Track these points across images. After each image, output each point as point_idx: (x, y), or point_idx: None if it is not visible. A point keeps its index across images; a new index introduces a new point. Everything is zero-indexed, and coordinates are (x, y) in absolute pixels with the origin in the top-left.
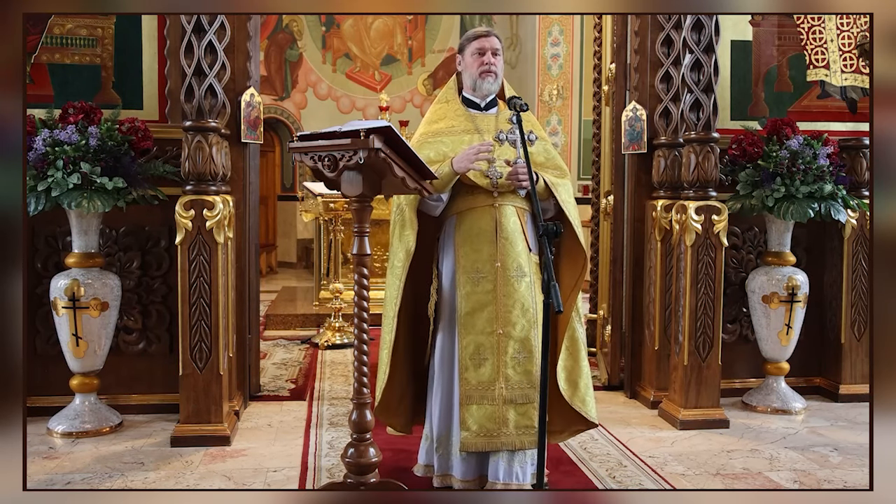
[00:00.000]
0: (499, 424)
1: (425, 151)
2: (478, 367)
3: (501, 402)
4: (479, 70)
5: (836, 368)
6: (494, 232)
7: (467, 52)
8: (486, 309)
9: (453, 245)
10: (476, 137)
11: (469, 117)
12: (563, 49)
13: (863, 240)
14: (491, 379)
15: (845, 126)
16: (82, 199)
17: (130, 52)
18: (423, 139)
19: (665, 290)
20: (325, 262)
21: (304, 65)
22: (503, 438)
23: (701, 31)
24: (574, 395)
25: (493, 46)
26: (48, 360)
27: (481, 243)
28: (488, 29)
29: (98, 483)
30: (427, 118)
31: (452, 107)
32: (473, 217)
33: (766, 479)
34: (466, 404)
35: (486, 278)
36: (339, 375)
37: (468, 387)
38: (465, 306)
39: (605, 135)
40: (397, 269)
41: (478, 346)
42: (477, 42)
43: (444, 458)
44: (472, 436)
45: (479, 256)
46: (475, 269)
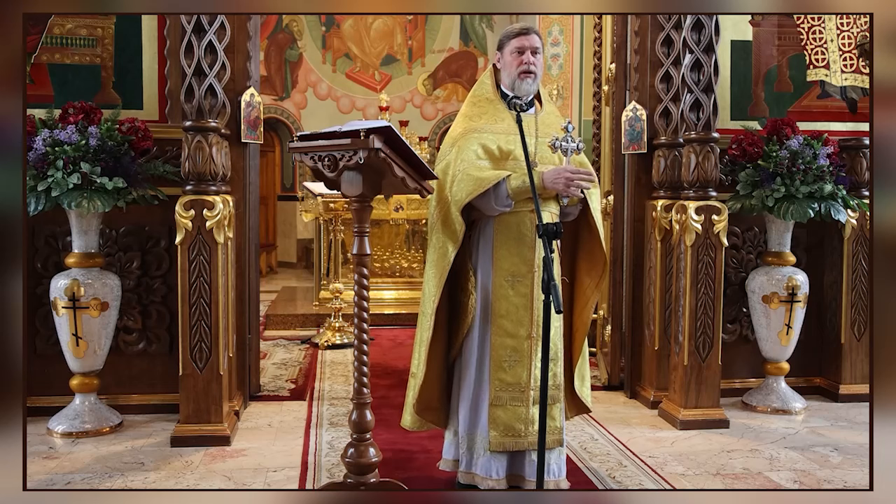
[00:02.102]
0: (526, 425)
1: (472, 147)
2: (510, 368)
3: (531, 404)
4: (518, 70)
5: (836, 368)
6: (534, 237)
7: (506, 49)
8: (522, 312)
9: (492, 247)
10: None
11: (513, 117)
12: (563, 49)
13: (863, 240)
14: (523, 381)
15: (845, 126)
16: (82, 199)
17: (130, 52)
18: (467, 134)
19: (665, 290)
20: (325, 262)
21: (304, 65)
22: (531, 438)
23: (701, 31)
24: (582, 387)
25: (533, 45)
26: (48, 360)
27: (520, 247)
28: (528, 26)
29: (98, 483)
30: (466, 112)
31: (494, 105)
32: (514, 220)
33: (766, 479)
34: (496, 405)
35: (523, 282)
36: (339, 375)
37: (500, 388)
38: (500, 308)
39: (605, 135)
40: (439, 266)
41: (511, 349)
42: (517, 40)
43: (468, 457)
44: (500, 436)
45: (517, 260)
46: (512, 272)
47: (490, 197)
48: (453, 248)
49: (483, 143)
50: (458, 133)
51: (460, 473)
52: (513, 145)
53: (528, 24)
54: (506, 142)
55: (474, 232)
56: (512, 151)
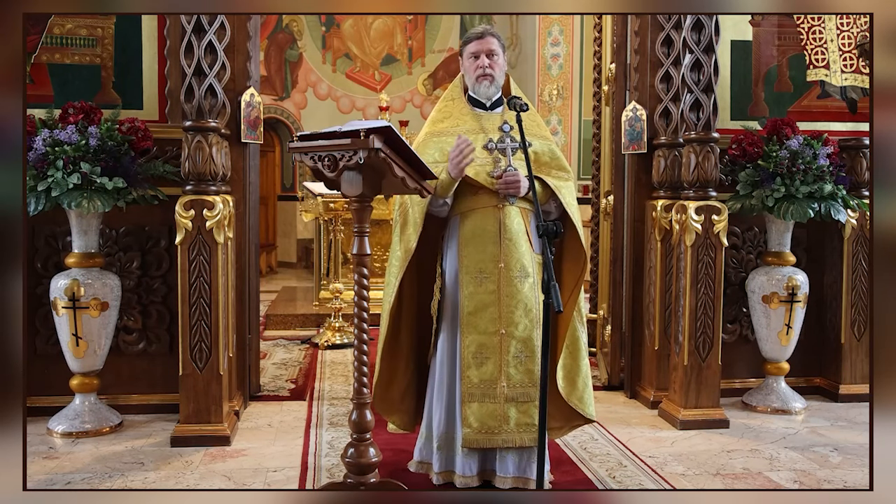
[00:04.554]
0: (500, 422)
1: (430, 152)
2: (480, 365)
3: (503, 401)
4: (475, 74)
5: (836, 368)
6: (498, 233)
7: (464, 55)
8: (489, 309)
9: (457, 245)
10: (480, 137)
11: (474, 116)
12: (563, 49)
13: (863, 240)
14: (493, 378)
15: (845, 126)
16: (82, 199)
17: (130, 52)
18: (426, 139)
19: (665, 290)
20: (325, 262)
21: (304, 65)
22: (504, 436)
23: (701, 31)
24: (571, 393)
25: (488, 48)
26: (48, 360)
27: (485, 244)
28: (483, 29)
29: (98, 483)
30: (432, 117)
31: (458, 105)
32: (477, 218)
33: (766, 479)
34: (468, 402)
35: (490, 279)
36: (339, 375)
37: (470, 385)
38: (468, 306)
39: (605, 135)
40: (394, 268)
41: (480, 345)
42: (472, 45)
43: (447, 456)
44: (473, 432)
45: (482, 257)
46: (478, 269)
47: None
48: (407, 252)
49: (440, 147)
50: (420, 140)
51: (435, 474)
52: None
53: (485, 27)
54: None
55: (445, 233)
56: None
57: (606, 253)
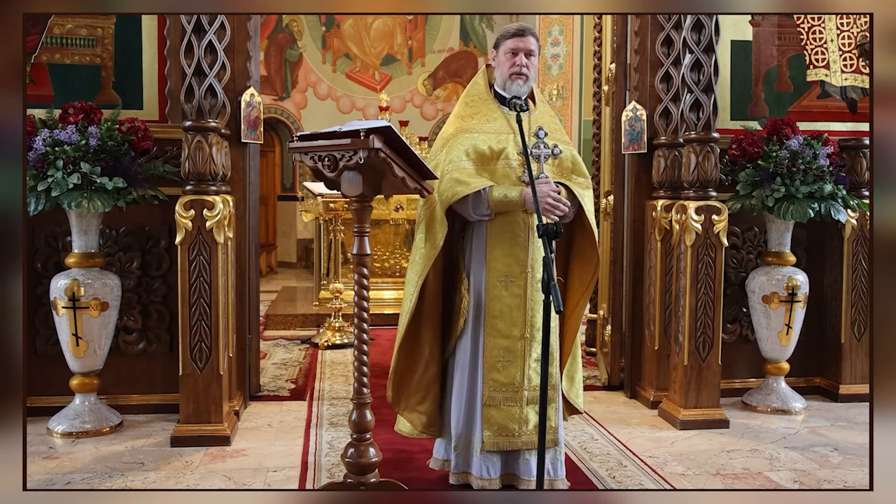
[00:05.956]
0: (520, 424)
1: (460, 147)
2: (503, 368)
3: (525, 404)
4: (509, 71)
5: (836, 368)
6: (526, 236)
7: (501, 49)
8: (514, 313)
9: (484, 248)
10: (511, 138)
11: (505, 116)
12: (563, 49)
13: (863, 240)
14: (517, 381)
15: (845, 126)
16: (82, 199)
17: (130, 52)
18: (457, 133)
19: (665, 290)
20: (325, 262)
21: (304, 65)
22: (524, 438)
23: (701, 31)
24: (570, 389)
25: (528, 47)
26: (48, 360)
27: (513, 247)
28: (525, 27)
29: (98, 483)
30: (459, 112)
31: (487, 105)
32: (506, 221)
33: (766, 479)
34: (490, 405)
35: (516, 282)
36: (339, 375)
37: (493, 388)
38: (493, 309)
39: (605, 135)
40: (418, 265)
41: (504, 349)
42: (512, 41)
43: (463, 457)
44: (493, 435)
45: (510, 261)
46: (506, 273)
47: (468, 204)
48: (434, 249)
49: (474, 144)
50: (450, 133)
51: (452, 474)
52: (504, 144)
53: (525, 26)
54: (497, 141)
55: (467, 233)
56: (504, 150)
57: (606, 253)
